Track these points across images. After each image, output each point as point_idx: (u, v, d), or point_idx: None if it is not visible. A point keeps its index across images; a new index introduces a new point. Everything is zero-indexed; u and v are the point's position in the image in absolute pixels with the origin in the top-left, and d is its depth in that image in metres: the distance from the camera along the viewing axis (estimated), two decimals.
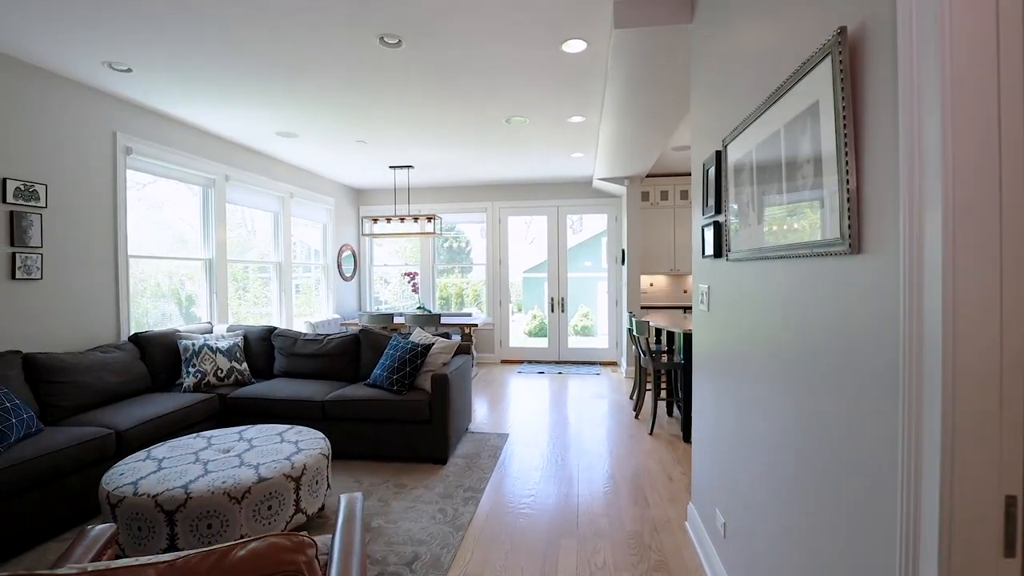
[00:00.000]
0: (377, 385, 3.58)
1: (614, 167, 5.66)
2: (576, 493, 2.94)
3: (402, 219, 6.09)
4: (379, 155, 5.52)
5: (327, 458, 2.52)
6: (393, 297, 8.26)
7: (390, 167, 6.15)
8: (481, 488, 2.98)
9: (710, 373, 2.18)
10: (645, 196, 6.82)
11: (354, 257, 7.69)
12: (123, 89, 3.56)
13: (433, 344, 3.70)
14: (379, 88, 3.60)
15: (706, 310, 2.21)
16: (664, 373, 4.96)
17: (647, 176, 6.86)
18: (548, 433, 4.07)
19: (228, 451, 2.47)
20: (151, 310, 4.39)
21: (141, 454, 2.40)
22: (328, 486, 2.56)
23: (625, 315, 6.40)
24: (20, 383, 2.81)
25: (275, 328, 4.28)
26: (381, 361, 3.66)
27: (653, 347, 4.85)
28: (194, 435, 2.66)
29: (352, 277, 7.62)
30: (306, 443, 2.55)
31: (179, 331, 3.94)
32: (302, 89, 3.58)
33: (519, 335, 11.84)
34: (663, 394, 5.08)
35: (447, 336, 4.05)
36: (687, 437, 3.86)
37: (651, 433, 4.02)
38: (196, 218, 4.69)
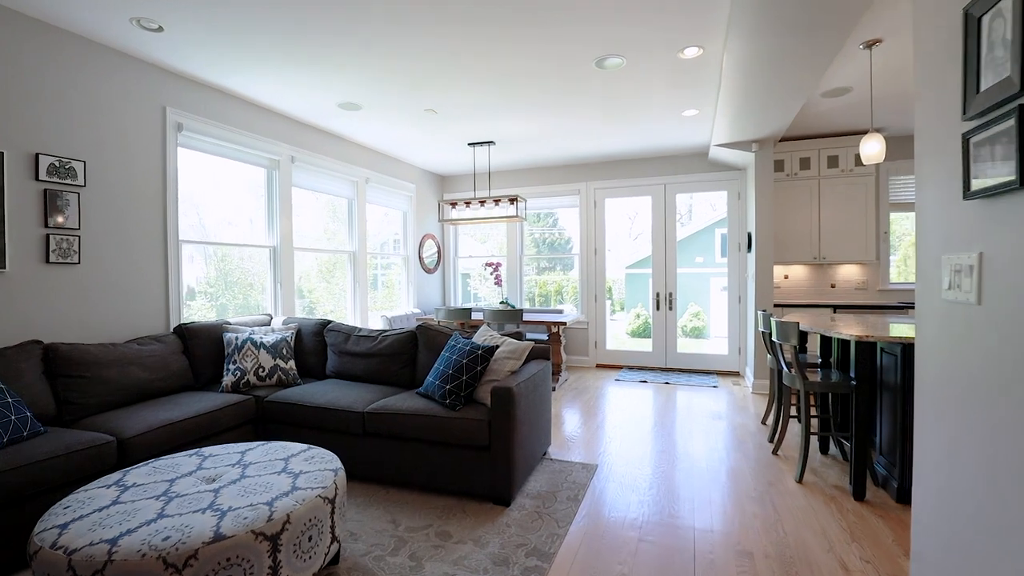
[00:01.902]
0: (428, 396, 2.87)
1: (739, 126, 4.43)
2: None
3: (482, 202, 5.41)
4: (453, 129, 4.86)
5: (330, 502, 1.83)
6: (489, 293, 7.65)
7: (469, 144, 5.49)
8: (551, 552, 2.12)
9: (975, 406, 1.11)
10: (779, 165, 5.43)
11: (437, 248, 7.20)
12: (166, 57, 3.23)
13: (498, 346, 2.90)
14: (444, 33, 2.88)
15: (972, 300, 1.13)
16: (817, 395, 3.69)
17: (781, 140, 5.46)
18: (650, 467, 3.07)
19: (213, 480, 1.89)
20: (240, 302, 4.17)
21: (114, 476, 1.90)
22: (334, 538, 1.87)
23: (753, 315, 5.10)
24: (35, 376, 2.51)
25: (329, 322, 3.78)
26: (435, 366, 2.95)
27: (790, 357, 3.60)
28: (192, 452, 2.14)
29: (435, 269, 7.14)
30: (309, 477, 1.88)
31: (229, 323, 3.59)
32: (356, 40, 2.98)
33: (619, 336, 10.68)
34: (815, 423, 3.80)
35: (519, 336, 3.24)
36: (859, 493, 2.64)
37: (799, 480, 2.85)
38: (260, 202, 4.38)
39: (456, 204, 5.55)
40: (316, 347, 3.68)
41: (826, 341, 3.49)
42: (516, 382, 2.62)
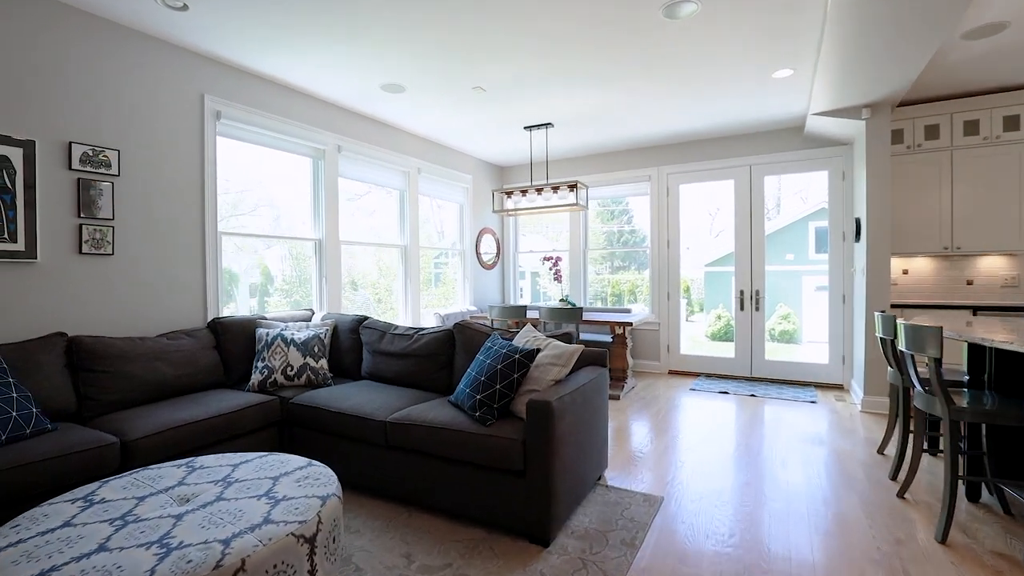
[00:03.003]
0: (458, 406, 2.47)
1: (846, 87, 3.62)
2: None
3: (539, 190, 4.95)
4: (506, 110, 4.45)
5: (308, 542, 1.47)
6: (558, 291, 7.18)
7: (525, 128, 5.05)
8: None
9: None
10: (897, 136, 4.48)
11: (496, 242, 6.85)
12: (199, 40, 3.10)
13: (539, 350, 2.44)
14: None
15: None
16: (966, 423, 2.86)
17: (901, 104, 4.50)
18: (732, 505, 2.47)
19: (187, 501, 1.61)
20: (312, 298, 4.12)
21: (89, 488, 1.67)
22: None
23: (861, 317, 4.22)
24: (56, 370, 2.42)
25: (366, 318, 3.51)
26: (467, 371, 2.55)
27: (928, 373, 2.79)
28: (184, 462, 1.89)
29: (494, 265, 6.79)
30: (289, 507, 1.54)
31: (265, 317, 3.42)
32: (391, 6, 2.66)
33: (696, 339, 9.73)
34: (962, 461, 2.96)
35: (569, 338, 2.75)
36: None
37: (942, 540, 2.13)
38: (305, 193, 4.24)
39: (511, 193, 5.14)
40: (352, 345, 3.42)
41: (977, 354, 2.66)
42: (559, 394, 2.14)
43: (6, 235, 2.50)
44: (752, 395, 4.69)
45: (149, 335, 3.03)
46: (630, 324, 4.62)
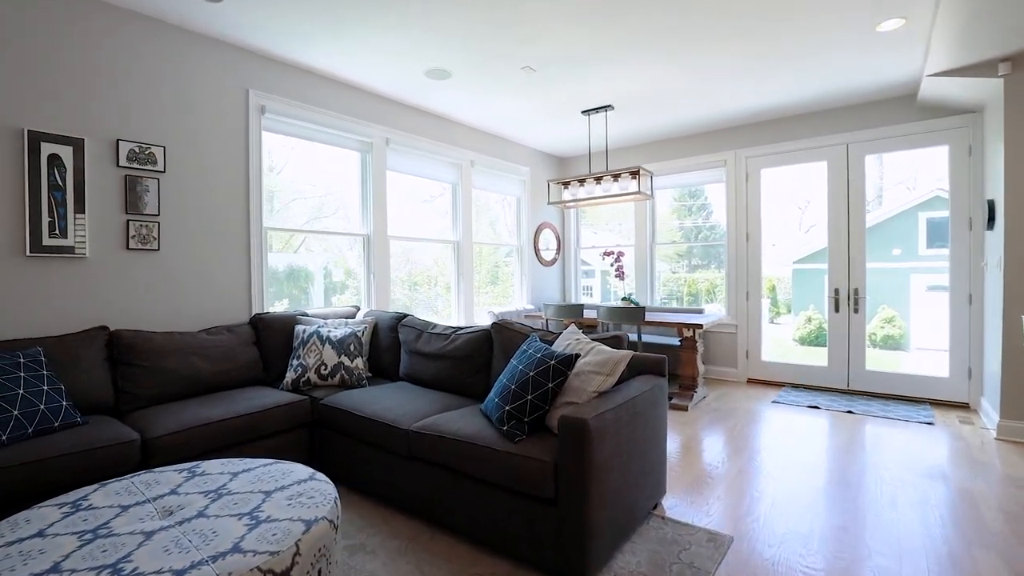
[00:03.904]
0: (487, 415, 2.19)
1: (976, 37, 2.91)
2: None
3: (598, 179, 4.57)
4: (560, 92, 4.11)
5: None
6: (626, 289, 6.74)
7: (583, 113, 4.68)
8: None
9: None
10: None
11: (556, 238, 6.52)
12: (241, 33, 3.07)
13: (580, 356, 2.10)
14: None
15: None
16: None
17: None
18: (823, 557, 1.98)
19: (170, 514, 1.46)
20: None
21: (83, 492, 1.58)
22: None
23: (997, 320, 3.41)
24: (95, 363, 2.43)
25: (405, 315, 3.34)
26: (500, 377, 2.26)
27: None
28: (188, 467, 1.77)
29: (553, 262, 6.47)
30: (266, 532, 1.34)
31: (306, 314, 3.35)
32: None
33: (782, 344, 8.75)
34: None
35: (618, 343, 2.38)
36: None
37: None
38: (353, 188, 4.16)
39: (568, 183, 4.79)
40: (391, 344, 3.26)
41: None
42: (599, 409, 1.79)
43: (57, 231, 2.57)
44: (849, 411, 4.00)
45: (192, 330, 3.04)
46: (700, 326, 4.11)
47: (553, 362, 2.01)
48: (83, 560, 1.21)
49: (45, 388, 2.09)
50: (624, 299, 4.90)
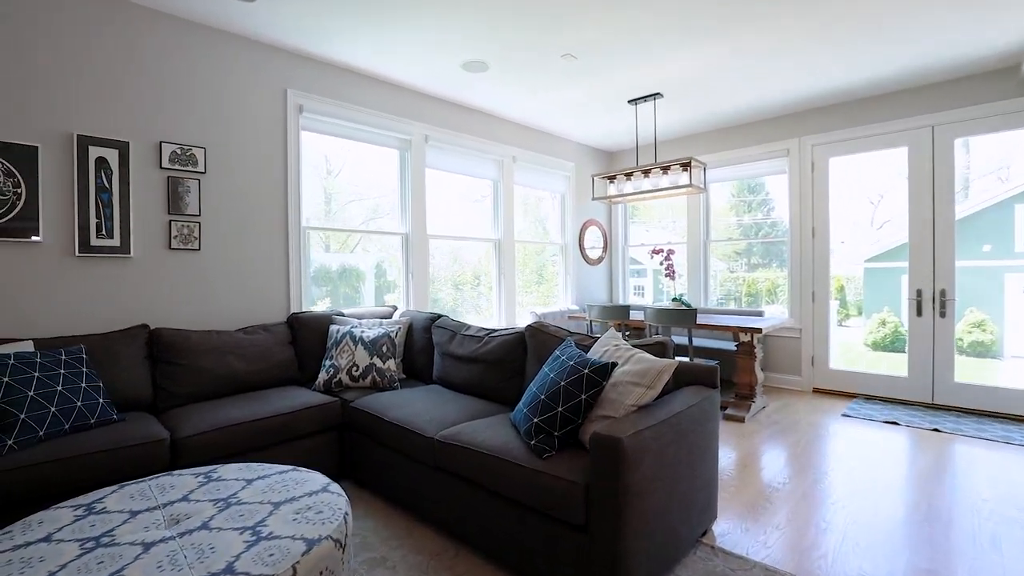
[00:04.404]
0: (516, 426, 2.03)
1: None
2: None
3: (645, 172, 4.30)
4: (604, 81, 3.88)
5: None
6: (678, 287, 6.40)
7: (629, 103, 4.42)
8: None
9: None
10: None
11: (603, 236, 6.26)
12: (277, 33, 3.06)
13: (618, 364, 1.90)
14: None
15: None
16: None
17: None
18: None
19: (176, 522, 1.40)
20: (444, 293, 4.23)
21: (101, 493, 1.56)
22: None
23: None
24: (135, 361, 2.48)
25: (439, 316, 3.23)
26: (530, 385, 2.09)
27: None
28: (205, 471, 1.73)
29: (599, 260, 6.21)
30: (263, 552, 1.24)
31: (342, 313, 3.32)
32: None
33: (854, 350, 8.02)
34: None
35: (662, 350, 2.15)
36: None
37: None
38: (392, 186, 4.12)
39: (614, 178, 4.55)
40: (425, 345, 3.17)
41: None
42: (637, 426, 1.59)
43: (104, 232, 2.64)
44: (935, 430, 3.53)
45: (231, 329, 3.07)
46: (759, 330, 3.76)
47: (587, 371, 1.82)
48: (77, 572, 1.16)
49: (83, 385, 2.12)
50: (674, 300, 4.59)
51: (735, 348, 4.35)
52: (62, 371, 2.10)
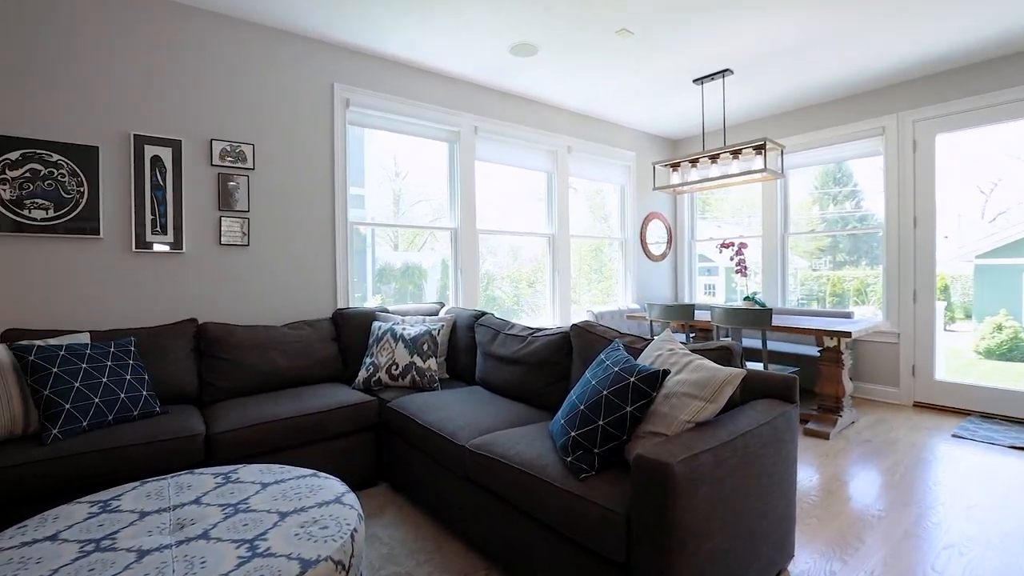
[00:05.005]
0: (553, 439, 1.81)
1: None
2: None
3: (713, 158, 3.90)
4: (666, 59, 3.54)
5: None
6: (751, 286, 5.88)
7: (694, 82, 4.03)
8: None
9: None
10: None
11: (667, 229, 5.85)
12: (326, 28, 3.03)
13: (672, 373, 1.63)
14: None
15: None
16: None
17: None
18: None
19: (181, 528, 1.32)
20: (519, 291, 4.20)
21: (122, 489, 1.53)
22: None
23: None
24: (183, 355, 2.52)
25: (483, 314, 3.07)
26: (571, 392, 1.87)
27: None
28: (225, 471, 1.66)
29: (663, 256, 5.81)
30: (252, 572, 1.12)
31: (387, 310, 3.25)
32: None
33: (961, 356, 6.99)
34: None
35: (727, 357, 1.84)
36: None
37: None
38: (441, 179, 4.01)
39: (678, 165, 4.18)
40: (469, 344, 3.02)
41: None
42: (693, 448, 1.32)
43: (158, 228, 2.72)
44: None
45: (277, 324, 3.08)
46: (848, 334, 3.27)
47: (633, 379, 1.57)
48: None
49: (128, 377, 2.16)
50: (747, 299, 4.14)
51: (818, 354, 3.85)
52: (109, 363, 2.14)
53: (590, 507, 1.40)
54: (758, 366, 3.60)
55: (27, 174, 2.40)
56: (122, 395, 2.10)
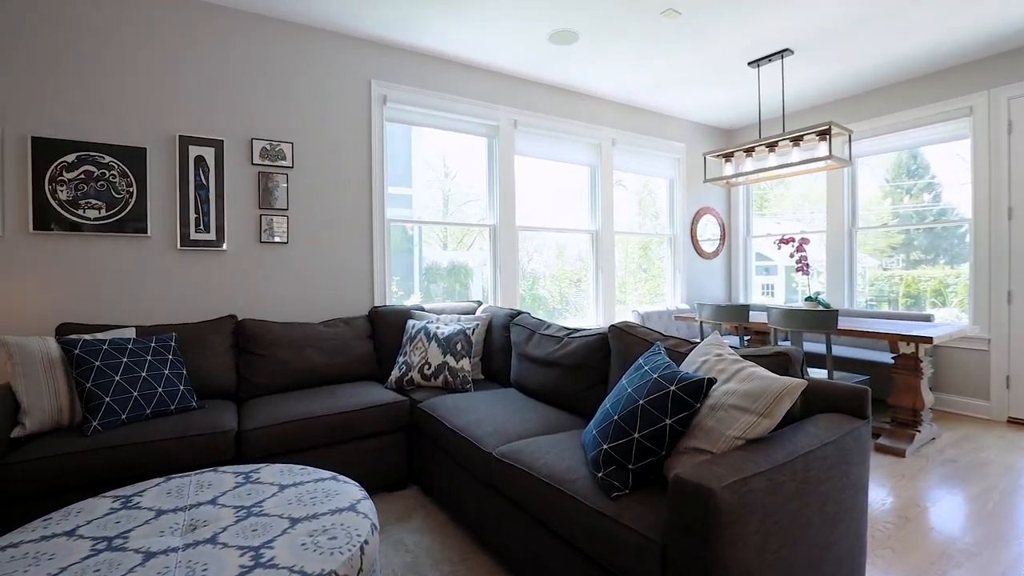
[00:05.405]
0: (585, 449, 1.66)
1: None
2: None
3: (771, 146, 3.61)
4: (715, 40, 3.29)
5: None
6: (814, 285, 5.45)
7: (749, 65, 3.74)
8: None
9: None
10: None
11: (720, 225, 5.52)
12: (361, 24, 3.01)
13: (719, 382, 1.45)
14: None
15: None
16: None
17: None
18: None
19: (193, 530, 1.29)
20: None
21: (146, 485, 1.53)
22: None
23: None
24: (223, 350, 2.56)
25: (519, 312, 2.95)
26: (605, 401, 1.71)
27: None
28: (247, 471, 1.63)
29: (715, 254, 5.49)
30: None
31: (423, 308, 3.19)
32: None
33: None
34: None
35: (784, 363, 1.63)
36: None
37: None
38: (480, 175, 3.93)
39: (731, 156, 3.89)
40: (505, 344, 2.91)
41: None
42: (742, 471, 1.15)
43: (202, 226, 2.78)
44: None
45: (314, 322, 3.09)
46: (928, 340, 2.91)
47: (673, 387, 1.40)
48: None
49: (166, 372, 2.20)
50: (809, 299, 3.80)
51: (892, 361, 3.47)
52: (148, 357, 2.18)
53: (621, 531, 1.25)
54: (821, 374, 3.28)
55: (81, 175, 2.50)
56: (160, 389, 2.13)
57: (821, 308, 3.38)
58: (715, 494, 1.05)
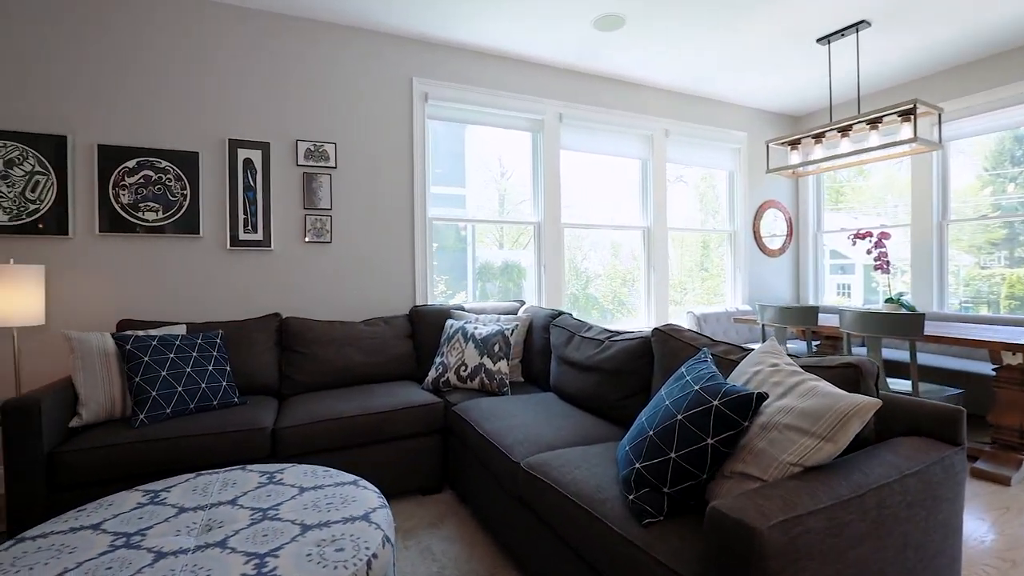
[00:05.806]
0: (618, 465, 1.51)
1: None
2: None
3: (844, 131, 3.25)
4: (778, 15, 2.99)
5: None
6: (897, 286, 4.94)
7: (819, 41, 3.38)
8: None
9: None
10: None
11: (786, 220, 5.10)
12: (401, 22, 2.98)
13: (773, 397, 1.26)
14: None
15: None
16: None
17: None
18: None
19: (208, 531, 1.28)
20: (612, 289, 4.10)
21: (174, 481, 1.55)
22: None
23: None
24: (267, 348, 2.61)
25: (560, 313, 2.82)
26: (641, 414, 1.56)
27: None
28: (272, 471, 1.62)
29: (782, 250, 5.08)
30: None
31: (463, 308, 3.14)
32: None
33: None
34: None
35: (854, 376, 1.40)
36: None
37: None
38: (524, 171, 3.82)
39: (798, 143, 3.55)
40: (545, 346, 2.79)
41: None
42: (795, 508, 0.97)
43: (250, 227, 2.86)
44: None
45: (356, 320, 3.11)
46: (1022, 346, 2.49)
47: (717, 402, 1.23)
48: (84, 575, 1.07)
49: (210, 368, 2.26)
50: (889, 301, 3.40)
51: (993, 373, 3.03)
52: (194, 354, 2.26)
53: (650, 564, 1.10)
54: (904, 385, 2.91)
55: (141, 180, 2.64)
56: (203, 385, 2.20)
57: (904, 311, 2.99)
58: (760, 534, 0.89)
